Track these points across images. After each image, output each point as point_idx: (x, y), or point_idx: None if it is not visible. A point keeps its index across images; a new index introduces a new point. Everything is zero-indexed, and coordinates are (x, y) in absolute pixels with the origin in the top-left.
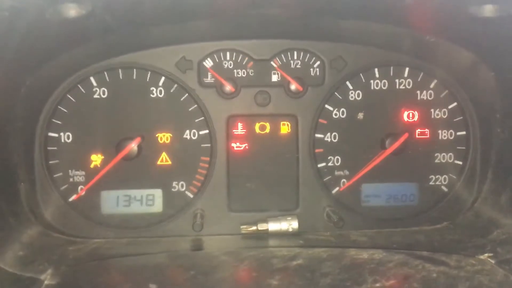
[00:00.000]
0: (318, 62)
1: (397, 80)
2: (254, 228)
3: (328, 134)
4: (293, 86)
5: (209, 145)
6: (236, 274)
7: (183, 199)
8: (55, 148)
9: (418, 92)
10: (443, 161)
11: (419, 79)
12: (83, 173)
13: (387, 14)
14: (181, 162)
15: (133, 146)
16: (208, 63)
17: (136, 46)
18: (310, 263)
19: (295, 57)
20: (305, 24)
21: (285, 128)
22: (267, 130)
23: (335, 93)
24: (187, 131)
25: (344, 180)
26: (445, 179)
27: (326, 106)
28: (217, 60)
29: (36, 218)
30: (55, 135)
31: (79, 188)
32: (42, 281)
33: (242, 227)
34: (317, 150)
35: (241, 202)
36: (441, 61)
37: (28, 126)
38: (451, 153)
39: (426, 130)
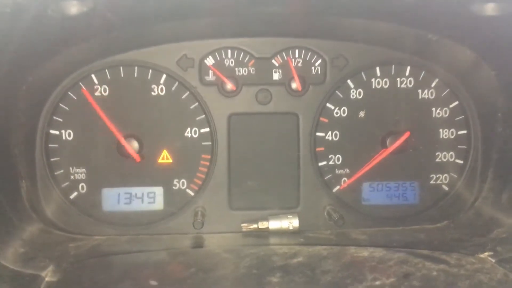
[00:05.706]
0: (320, 61)
1: (398, 79)
2: (255, 226)
3: (329, 132)
4: (294, 85)
5: (210, 143)
6: (236, 271)
7: (184, 197)
8: (56, 145)
9: (420, 90)
10: (444, 160)
11: (420, 78)
12: (84, 170)
13: (389, 13)
14: (182, 160)
15: (134, 144)
16: (210, 61)
17: (138, 44)
18: (310, 260)
19: (297, 55)
20: (307, 22)
21: (286, 126)
22: (268, 129)
23: (336, 91)
24: (188, 129)
25: (345, 178)
26: (446, 178)
27: (327, 104)
28: (219, 58)
29: (37, 215)
30: (56, 132)
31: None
32: (43, 278)
33: (243, 225)
34: (318, 149)
35: (242, 200)
36: (443, 60)
37: (30, 123)
38: (452, 152)
39: (427, 129)
